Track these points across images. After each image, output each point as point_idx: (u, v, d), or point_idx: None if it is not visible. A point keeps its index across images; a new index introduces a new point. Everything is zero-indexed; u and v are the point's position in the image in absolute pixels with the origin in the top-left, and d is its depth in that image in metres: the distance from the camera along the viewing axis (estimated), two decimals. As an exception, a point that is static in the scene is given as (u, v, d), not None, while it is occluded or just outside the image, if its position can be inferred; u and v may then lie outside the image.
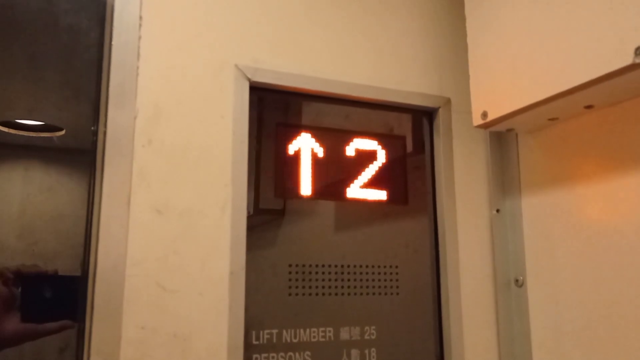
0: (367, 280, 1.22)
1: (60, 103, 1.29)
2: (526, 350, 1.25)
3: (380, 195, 1.26)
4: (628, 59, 0.87)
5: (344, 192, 1.23)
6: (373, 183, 1.26)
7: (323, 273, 1.18)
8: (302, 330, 1.14)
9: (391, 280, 1.24)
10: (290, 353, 1.12)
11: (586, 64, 0.94)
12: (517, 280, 1.28)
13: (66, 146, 1.31)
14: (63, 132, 1.28)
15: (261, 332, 1.11)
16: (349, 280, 1.20)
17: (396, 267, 1.25)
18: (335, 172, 1.23)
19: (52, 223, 1.24)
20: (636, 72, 0.88)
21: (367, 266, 1.23)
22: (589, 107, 1.09)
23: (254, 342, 1.10)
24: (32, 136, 1.28)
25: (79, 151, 1.28)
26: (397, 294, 1.24)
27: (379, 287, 1.23)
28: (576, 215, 1.16)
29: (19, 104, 1.25)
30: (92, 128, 1.06)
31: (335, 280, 1.19)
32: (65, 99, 1.27)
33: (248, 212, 1.11)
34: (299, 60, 1.20)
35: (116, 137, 1.03)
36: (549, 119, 1.18)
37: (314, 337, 1.15)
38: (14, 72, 1.22)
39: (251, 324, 1.09)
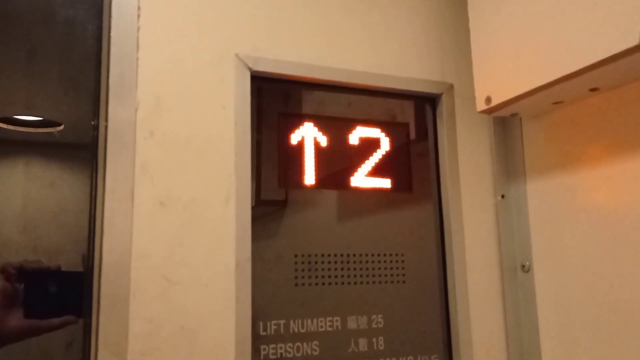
0: (373, 268, 1.21)
1: (59, 97, 1.27)
2: (534, 335, 1.25)
3: (385, 183, 1.25)
4: (634, 40, 0.86)
5: (348, 181, 1.22)
6: (377, 171, 1.25)
7: (329, 262, 1.18)
8: (309, 320, 1.14)
9: (397, 268, 1.24)
10: (298, 343, 1.12)
11: (591, 46, 0.93)
12: (523, 266, 1.28)
13: (67, 141, 1.30)
14: (62, 127, 1.27)
15: (268, 323, 1.10)
16: (354, 269, 1.20)
17: (402, 255, 1.25)
18: (338, 161, 1.22)
19: (54, 218, 1.23)
20: (642, 52, 0.88)
21: (372, 255, 1.22)
22: (594, 89, 1.08)
23: (262, 333, 1.09)
24: (32, 132, 1.28)
25: (79, 146, 1.27)
26: (404, 282, 1.24)
27: (385, 275, 1.22)
28: (582, 200, 1.15)
29: (17, 100, 1.24)
30: (93, 122, 1.05)
31: (341, 269, 1.19)
32: (64, 93, 1.26)
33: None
34: (300, 49, 1.19)
35: (117, 130, 1.02)
36: (554, 103, 1.17)
37: (322, 326, 1.15)
38: (12, 67, 1.21)
39: (258, 315, 1.09)
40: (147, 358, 0.97)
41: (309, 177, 1.19)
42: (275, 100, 1.21)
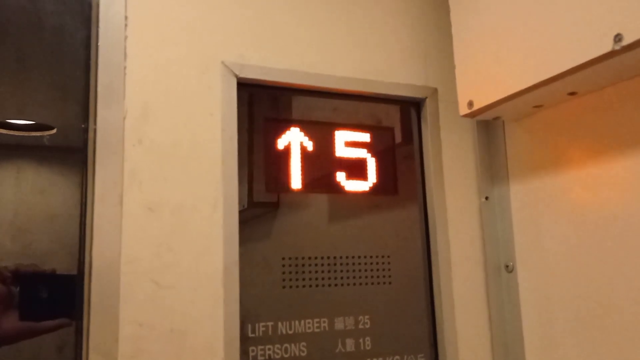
0: (360, 270, 1.24)
1: (49, 103, 1.29)
2: (517, 334, 1.27)
3: (370, 186, 1.28)
4: (608, 46, 0.88)
5: (335, 184, 1.24)
6: (363, 174, 1.27)
7: (316, 265, 1.20)
8: (297, 322, 1.16)
9: (383, 269, 1.26)
10: (286, 344, 1.14)
11: (568, 52, 0.96)
12: (507, 266, 1.31)
13: (57, 145, 1.31)
14: (54, 131, 1.29)
15: (257, 325, 1.12)
16: (341, 271, 1.22)
17: (388, 256, 1.27)
18: (325, 164, 1.25)
19: (45, 223, 1.24)
20: (616, 58, 0.90)
21: (359, 257, 1.24)
22: (572, 93, 1.11)
23: (250, 335, 1.12)
24: (23, 136, 1.29)
25: (70, 150, 1.28)
26: (390, 283, 1.26)
27: (372, 277, 1.25)
28: (564, 201, 1.18)
29: (8, 104, 1.26)
30: (83, 125, 1.06)
31: (329, 271, 1.21)
32: (54, 99, 1.27)
33: (242, 206, 1.12)
34: (285, 55, 1.21)
35: (106, 137, 1.03)
36: (534, 107, 1.19)
37: (309, 328, 1.17)
38: (3, 73, 1.22)
39: (247, 317, 1.11)
40: (137, 361, 0.99)
41: (296, 181, 1.21)
42: (262, 106, 1.23)
